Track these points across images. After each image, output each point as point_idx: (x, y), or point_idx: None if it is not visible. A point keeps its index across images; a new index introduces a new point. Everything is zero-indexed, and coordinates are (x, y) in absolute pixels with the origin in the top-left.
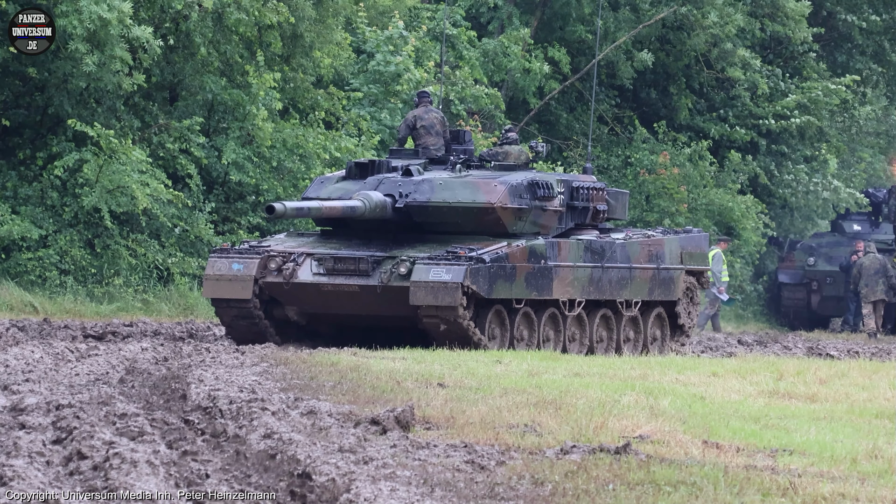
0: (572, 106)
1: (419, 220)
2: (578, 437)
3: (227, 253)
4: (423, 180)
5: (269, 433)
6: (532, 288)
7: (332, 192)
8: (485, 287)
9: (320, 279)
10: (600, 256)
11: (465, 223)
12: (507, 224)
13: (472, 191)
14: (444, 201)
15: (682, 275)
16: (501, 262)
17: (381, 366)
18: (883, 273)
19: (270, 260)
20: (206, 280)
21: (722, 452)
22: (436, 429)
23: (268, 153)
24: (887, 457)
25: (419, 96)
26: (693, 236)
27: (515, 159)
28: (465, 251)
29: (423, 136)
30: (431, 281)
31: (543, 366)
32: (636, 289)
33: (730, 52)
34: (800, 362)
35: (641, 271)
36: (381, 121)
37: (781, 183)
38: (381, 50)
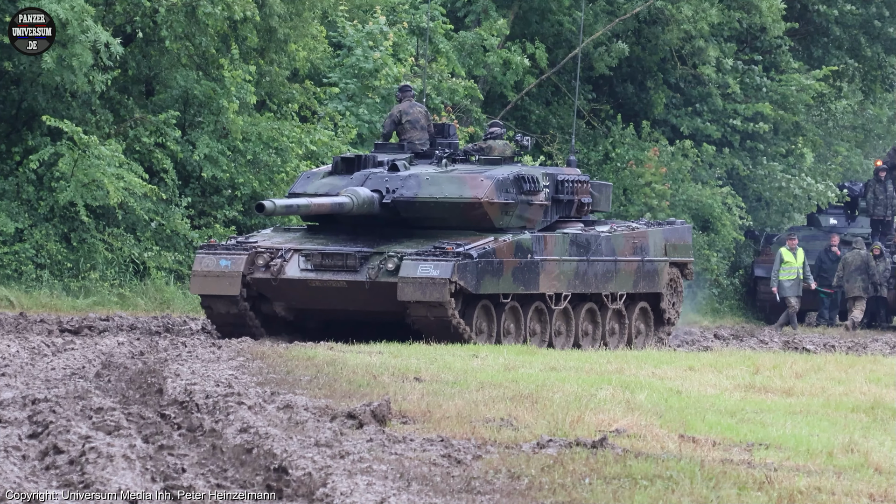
0: (549, 100)
1: (406, 215)
2: (555, 431)
3: (214, 249)
4: (410, 176)
5: (246, 427)
6: (519, 282)
7: (319, 188)
8: (472, 282)
9: (308, 275)
10: (586, 250)
11: (451, 218)
12: (494, 219)
13: (459, 186)
14: (430, 197)
15: (667, 267)
16: (489, 258)
17: (357, 360)
18: (864, 270)
19: (258, 256)
20: (193, 276)
21: (698, 446)
22: (412, 423)
23: (242, 147)
24: (863, 451)
25: (402, 91)
26: (677, 228)
27: (500, 153)
28: (452, 247)
29: (408, 130)
30: (419, 277)
31: (520, 360)
32: (621, 281)
33: (703, 50)
34: (776, 356)
35: (626, 264)
36: (359, 116)
37: (755, 178)
38: (361, 45)
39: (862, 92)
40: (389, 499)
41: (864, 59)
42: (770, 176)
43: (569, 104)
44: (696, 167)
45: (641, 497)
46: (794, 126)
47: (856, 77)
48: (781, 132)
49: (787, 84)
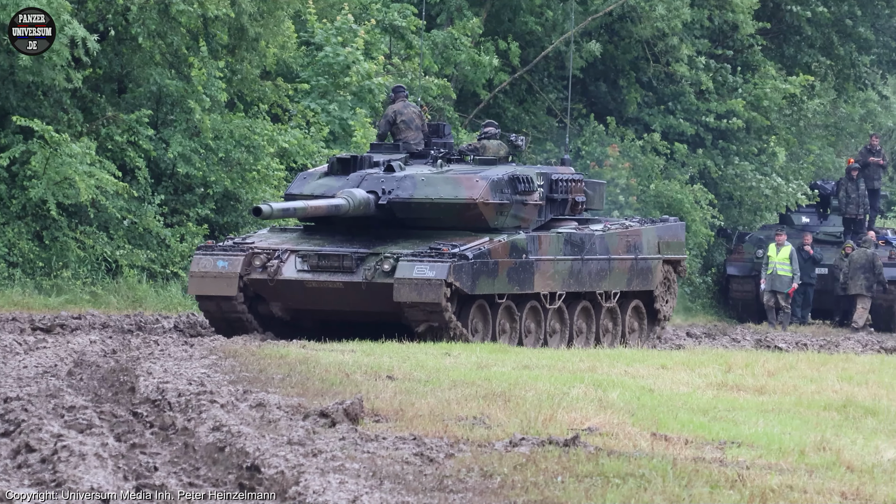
0: (522, 98)
1: (401, 216)
2: (527, 429)
3: (211, 250)
4: (406, 177)
5: (218, 426)
6: (514, 282)
7: (315, 189)
8: (468, 283)
9: (304, 276)
10: (580, 249)
11: (446, 219)
12: (489, 219)
13: (454, 187)
14: (426, 198)
15: (660, 264)
16: (484, 258)
17: (330, 358)
18: (869, 269)
19: (255, 257)
20: (191, 277)
21: (670, 445)
22: (385, 421)
23: (214, 145)
24: (835, 449)
25: (395, 91)
26: (670, 226)
27: (494, 153)
28: (447, 248)
29: (403, 130)
30: (415, 278)
31: (493, 358)
32: (615, 280)
33: (676, 48)
34: (748, 355)
35: (620, 262)
36: (330, 112)
37: (727, 178)
38: (330, 42)
39: (834, 90)
40: (362, 497)
41: (836, 57)
42: (741, 176)
43: (542, 102)
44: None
45: (614, 495)
46: (766, 125)
47: (828, 76)
48: (754, 131)
49: (762, 87)
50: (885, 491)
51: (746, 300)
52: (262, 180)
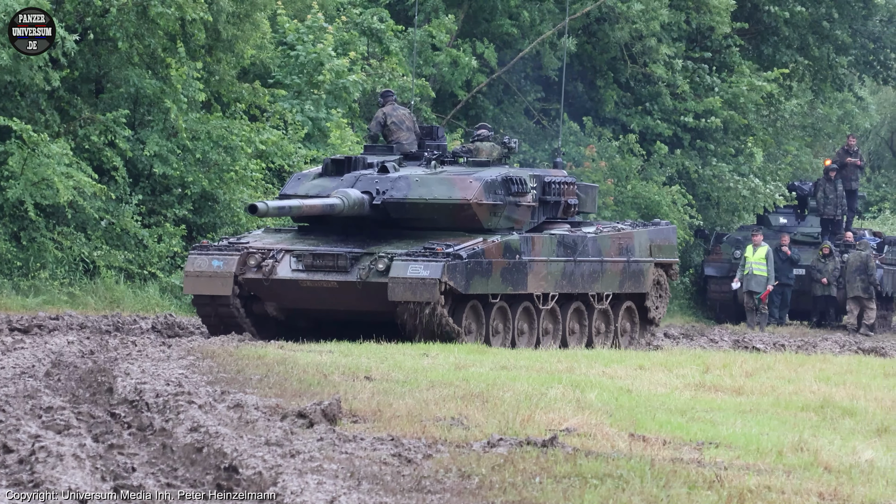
0: (500, 99)
1: (396, 216)
2: (505, 430)
3: (206, 250)
4: (400, 177)
5: (196, 426)
6: (507, 283)
7: (309, 189)
8: (462, 283)
9: (299, 275)
10: (572, 251)
11: (440, 219)
12: (483, 220)
13: (448, 187)
14: (420, 198)
15: (652, 267)
16: (478, 258)
17: (307, 359)
18: (863, 270)
19: (250, 257)
20: (186, 277)
21: (648, 445)
22: (363, 422)
23: (191, 145)
24: (813, 449)
25: (384, 96)
26: (662, 229)
27: (488, 155)
28: (441, 247)
29: (394, 132)
30: (409, 277)
31: (470, 359)
32: (607, 282)
33: (653, 49)
34: (726, 355)
35: (612, 264)
36: (305, 112)
37: (704, 178)
38: (302, 41)
39: (812, 91)
40: (340, 498)
41: (813, 58)
42: (718, 176)
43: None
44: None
45: (591, 496)
46: (744, 126)
47: (805, 76)
48: (731, 131)
49: (738, 85)
50: (863, 491)
51: (724, 301)
52: (240, 181)
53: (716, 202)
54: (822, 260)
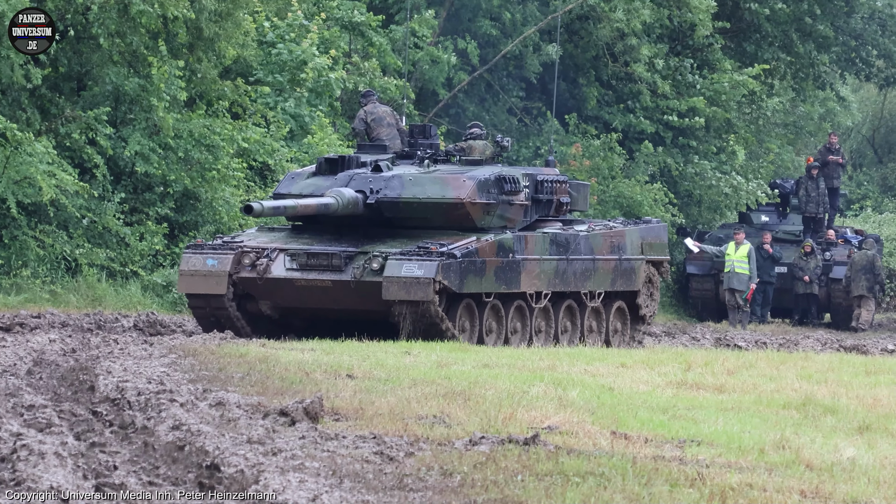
0: (482, 97)
1: (389, 215)
2: (487, 428)
3: (201, 249)
4: (394, 176)
5: (178, 425)
6: (501, 281)
7: (303, 188)
8: (456, 282)
9: (293, 274)
10: (565, 249)
11: (434, 218)
12: (476, 219)
13: (441, 186)
14: (414, 197)
15: (643, 265)
16: (472, 257)
17: (289, 357)
18: (869, 269)
19: (244, 255)
20: (181, 275)
21: (630, 443)
22: (345, 420)
23: (173, 144)
24: (794, 447)
25: (364, 95)
26: (653, 227)
27: (481, 154)
28: (436, 246)
29: (374, 129)
30: (404, 276)
31: (453, 357)
32: (599, 280)
33: (635, 48)
34: (708, 353)
35: (604, 262)
36: (286, 110)
37: (686, 176)
38: (284, 39)
39: (793, 90)
40: (322, 496)
41: (795, 55)
42: (700, 174)
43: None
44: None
45: (573, 494)
46: (725, 123)
47: (787, 74)
48: (713, 129)
49: (720, 81)
50: (845, 489)
51: (706, 299)
52: (222, 179)
53: (697, 200)
54: (804, 258)
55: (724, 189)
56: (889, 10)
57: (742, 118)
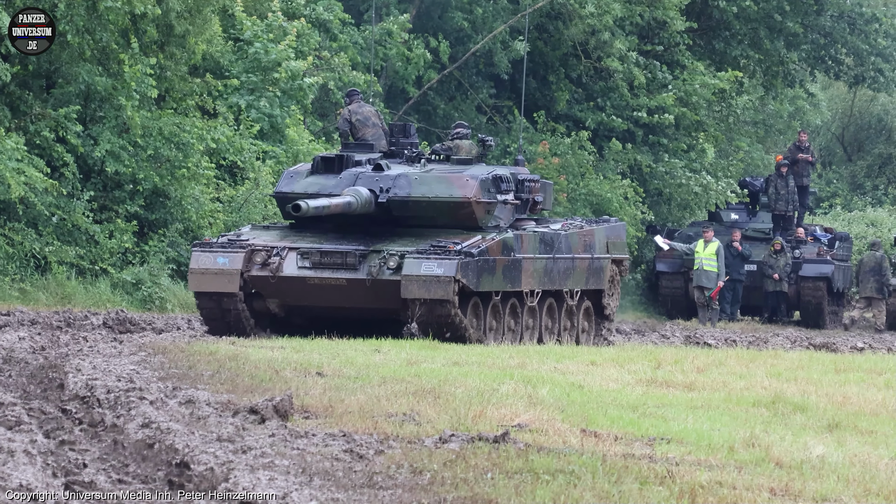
0: (451, 95)
1: (397, 214)
2: (457, 425)
3: (209, 247)
4: (399, 175)
5: (147, 422)
6: (507, 280)
7: (307, 187)
8: (473, 280)
9: (306, 272)
10: (551, 248)
11: (439, 217)
12: (479, 218)
13: (447, 185)
14: (423, 196)
15: (609, 263)
16: (485, 256)
17: (259, 355)
18: (877, 271)
19: (255, 254)
20: (191, 274)
21: (600, 441)
22: (314, 418)
23: (143, 142)
24: (764, 445)
25: (349, 95)
26: (615, 226)
27: (467, 153)
28: (453, 245)
29: (359, 129)
30: (423, 275)
31: (422, 355)
32: (577, 278)
33: (607, 43)
34: (677, 351)
35: (581, 261)
36: (260, 109)
37: (656, 174)
38: (261, 38)
39: (763, 87)
40: (291, 493)
41: (765, 53)
42: (670, 173)
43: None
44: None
45: (543, 492)
46: (695, 122)
47: (757, 72)
48: (683, 127)
49: (691, 82)
50: (814, 487)
51: (676, 297)
52: (192, 178)
53: (668, 198)
54: (773, 256)
55: (694, 188)
56: (858, 8)
57: (712, 116)
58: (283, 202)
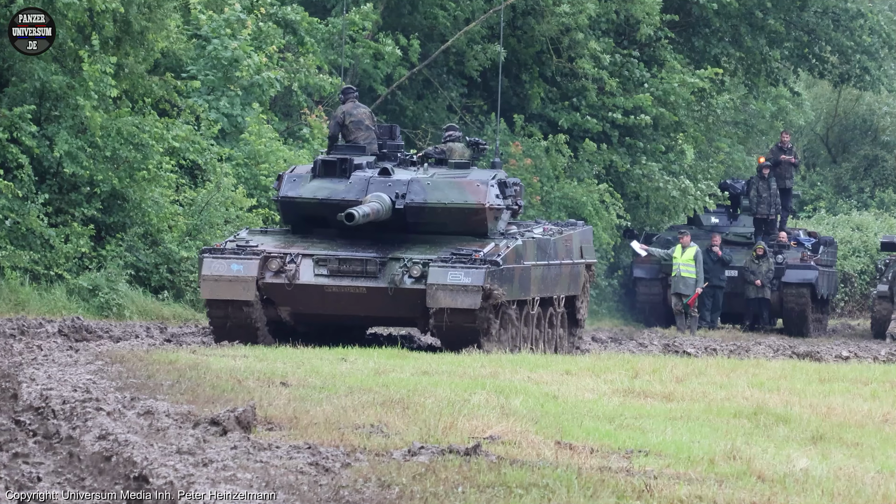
0: (420, 94)
1: (412, 220)
2: (427, 437)
3: (221, 253)
4: (412, 180)
5: (104, 434)
6: (521, 288)
7: (315, 191)
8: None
9: (322, 280)
10: (545, 254)
11: (451, 223)
12: (489, 224)
13: (460, 191)
14: (438, 202)
15: (583, 268)
16: (507, 263)
17: (221, 364)
18: None
19: (270, 260)
20: (203, 281)
21: (575, 453)
22: (278, 429)
23: (101, 143)
24: (746, 458)
25: (344, 93)
26: (586, 230)
27: (460, 156)
28: (476, 253)
29: (353, 131)
30: (450, 283)
31: (391, 364)
32: (562, 284)
33: (580, 44)
34: (656, 360)
35: (565, 266)
36: (220, 109)
37: (633, 177)
38: (219, 34)
39: (745, 86)
40: None
41: (746, 51)
42: (648, 176)
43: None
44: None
45: None
46: (674, 122)
47: (738, 70)
48: (661, 128)
49: (669, 81)
50: (797, 501)
51: (654, 303)
52: (152, 180)
53: (645, 201)
54: (755, 261)
55: (672, 192)
56: (843, 3)
57: (691, 116)
58: (290, 207)
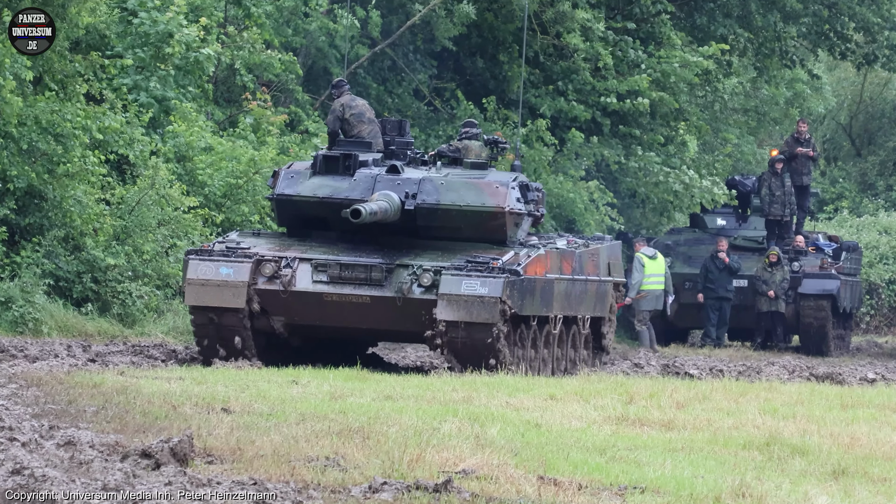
0: (384, 77)
1: (423, 223)
2: (390, 472)
3: (209, 255)
4: (424, 180)
5: (19, 468)
6: (543, 303)
7: (315, 189)
8: (518, 302)
9: (322, 287)
10: (570, 268)
11: (466, 228)
12: (509, 230)
13: (477, 193)
14: (453, 204)
15: (611, 288)
16: (528, 274)
17: (153, 387)
18: None
19: (264, 264)
20: (189, 285)
21: (561, 490)
22: (219, 462)
23: (16, 133)
24: (757, 495)
25: (336, 87)
26: (613, 245)
27: (477, 155)
28: (494, 261)
29: (355, 125)
30: (464, 294)
31: (348, 387)
32: (588, 303)
33: (567, 15)
34: (653, 383)
35: (591, 284)
36: (150, 91)
37: (628, 171)
38: (146, 6)
39: (755, 68)
40: None
41: (757, 29)
42: (645, 169)
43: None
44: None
45: None
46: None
47: (748, 50)
48: (660, 116)
49: (669, 60)
50: None
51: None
52: (75, 175)
53: (641, 200)
54: (768, 269)
55: (674, 186)
56: None
57: (694, 102)
58: (287, 206)
